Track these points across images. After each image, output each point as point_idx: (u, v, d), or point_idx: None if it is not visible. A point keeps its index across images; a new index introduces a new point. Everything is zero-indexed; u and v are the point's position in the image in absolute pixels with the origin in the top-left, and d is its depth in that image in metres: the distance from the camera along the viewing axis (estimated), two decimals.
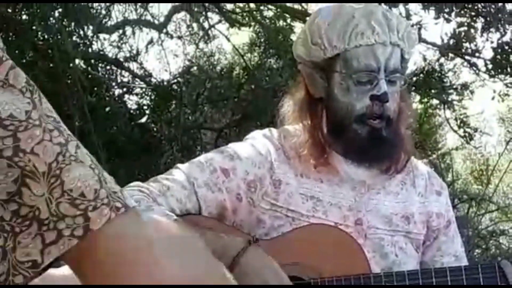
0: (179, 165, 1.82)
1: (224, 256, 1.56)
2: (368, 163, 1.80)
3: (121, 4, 7.22)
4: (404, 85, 1.85)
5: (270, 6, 6.94)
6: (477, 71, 6.19)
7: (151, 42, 7.79)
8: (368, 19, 1.76)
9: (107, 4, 6.89)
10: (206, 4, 6.91)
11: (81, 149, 0.80)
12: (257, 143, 1.85)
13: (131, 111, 7.31)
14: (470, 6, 5.38)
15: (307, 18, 1.94)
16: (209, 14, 7.52)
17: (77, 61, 6.18)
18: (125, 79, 7.72)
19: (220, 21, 7.93)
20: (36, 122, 0.77)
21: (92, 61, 7.17)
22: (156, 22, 7.71)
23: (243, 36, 8.64)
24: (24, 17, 6.00)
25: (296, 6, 7.05)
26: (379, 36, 1.75)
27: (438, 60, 6.41)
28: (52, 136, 0.77)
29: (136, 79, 7.68)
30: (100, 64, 7.43)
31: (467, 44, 5.78)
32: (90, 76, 6.77)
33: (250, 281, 1.56)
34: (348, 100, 1.77)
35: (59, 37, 5.70)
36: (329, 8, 1.86)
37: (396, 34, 1.77)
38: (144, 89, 7.57)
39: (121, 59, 7.56)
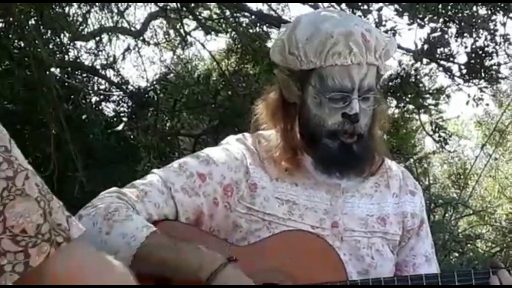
0: (155, 170, 1.83)
1: (201, 270, 1.60)
2: (337, 173, 1.82)
3: (97, 11, 7.21)
4: (377, 98, 1.86)
5: (245, 13, 6.95)
6: (452, 76, 6.24)
7: (127, 49, 7.78)
8: (346, 40, 1.75)
9: (83, 11, 6.87)
10: (182, 11, 6.91)
11: (29, 180, 0.79)
12: (232, 148, 1.86)
13: (108, 119, 7.28)
14: (443, 11, 5.42)
15: (282, 25, 1.94)
16: (186, 20, 7.52)
17: (53, 69, 6.15)
18: (102, 87, 7.70)
19: (197, 28, 7.92)
20: None
21: (69, 68, 7.13)
22: (133, 29, 7.70)
23: (220, 41, 8.66)
24: None
25: (271, 11, 7.07)
26: (355, 57, 1.75)
27: (413, 65, 6.45)
28: None
29: (113, 86, 7.65)
30: (76, 72, 7.39)
31: (441, 49, 5.83)
32: (66, 84, 6.74)
33: None
34: (320, 114, 1.78)
35: (36, 43, 5.67)
36: (309, 18, 1.86)
37: (373, 55, 1.78)
38: (121, 97, 7.55)
39: (98, 67, 7.54)
